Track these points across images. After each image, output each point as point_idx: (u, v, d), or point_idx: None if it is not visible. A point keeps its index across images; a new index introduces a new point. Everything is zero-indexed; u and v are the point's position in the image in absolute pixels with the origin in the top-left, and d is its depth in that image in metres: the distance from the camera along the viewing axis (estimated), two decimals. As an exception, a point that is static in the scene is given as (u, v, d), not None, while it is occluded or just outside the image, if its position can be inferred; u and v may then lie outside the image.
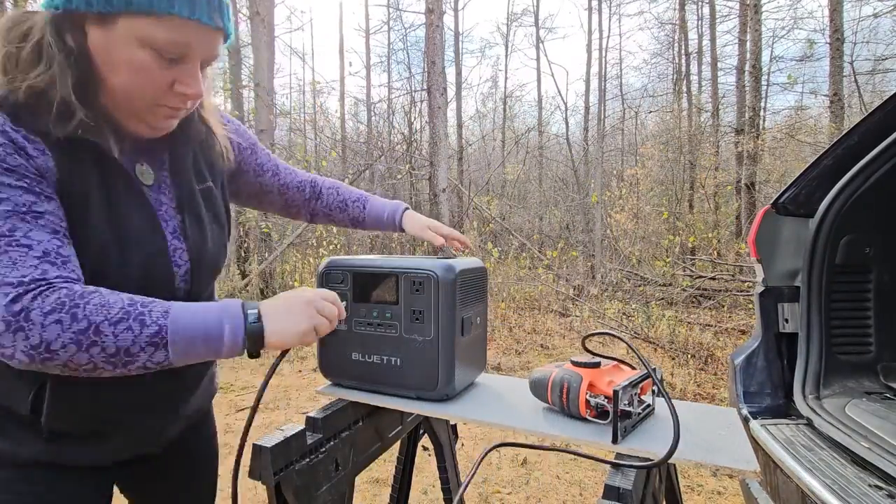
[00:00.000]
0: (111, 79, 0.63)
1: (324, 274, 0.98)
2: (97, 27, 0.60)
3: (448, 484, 1.26)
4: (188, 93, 0.67)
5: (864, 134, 1.61)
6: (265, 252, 6.92)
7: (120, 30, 0.60)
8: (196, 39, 0.64)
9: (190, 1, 0.61)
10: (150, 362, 0.59)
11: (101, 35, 0.61)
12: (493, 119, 17.98)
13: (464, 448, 2.78)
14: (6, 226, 0.55)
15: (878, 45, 10.69)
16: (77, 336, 0.54)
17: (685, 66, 13.30)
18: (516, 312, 6.27)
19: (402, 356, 0.92)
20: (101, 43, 0.61)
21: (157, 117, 0.68)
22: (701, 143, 10.68)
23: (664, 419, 0.85)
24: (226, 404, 3.44)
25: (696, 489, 2.35)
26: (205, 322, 0.61)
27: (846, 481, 1.14)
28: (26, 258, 0.55)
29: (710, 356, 4.36)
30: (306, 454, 0.84)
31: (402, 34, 16.08)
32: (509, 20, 18.13)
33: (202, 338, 0.60)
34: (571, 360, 0.87)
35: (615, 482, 0.66)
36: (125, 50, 0.61)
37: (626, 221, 10.17)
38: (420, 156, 10.37)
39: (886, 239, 1.68)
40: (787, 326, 1.69)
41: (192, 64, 0.66)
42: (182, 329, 0.59)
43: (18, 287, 0.54)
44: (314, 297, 0.71)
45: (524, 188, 15.25)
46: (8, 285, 0.54)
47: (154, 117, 0.68)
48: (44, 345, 0.54)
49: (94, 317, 0.55)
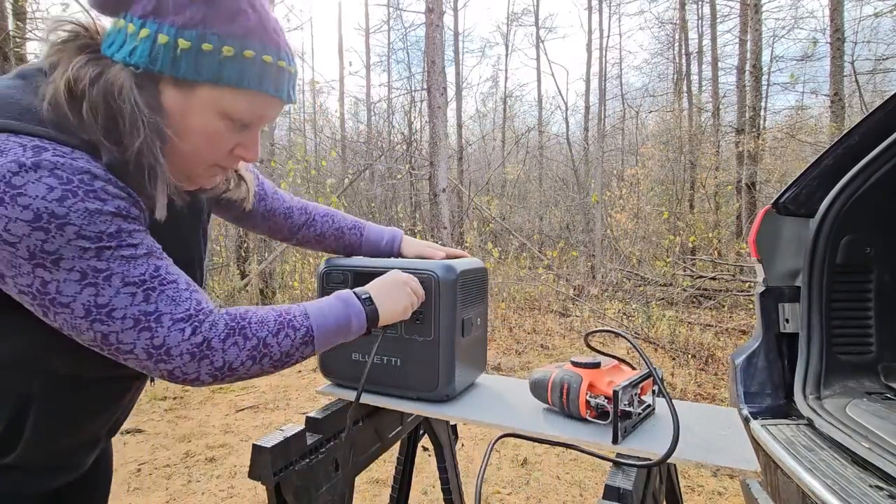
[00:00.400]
0: (182, 143, 0.61)
1: (324, 274, 0.98)
2: (174, 89, 0.59)
3: (448, 484, 1.26)
4: (247, 157, 0.68)
5: (865, 134, 1.61)
6: (265, 252, 6.92)
7: (200, 97, 0.59)
8: (272, 113, 0.66)
9: (276, 80, 0.62)
10: (301, 357, 0.68)
11: (177, 98, 0.59)
12: (493, 119, 17.98)
13: (464, 448, 2.78)
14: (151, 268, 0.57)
15: (879, 44, 10.69)
16: (251, 352, 0.62)
17: (685, 65, 13.30)
18: (516, 312, 6.27)
19: (403, 357, 0.92)
20: (177, 106, 0.60)
21: (208, 178, 0.69)
22: (701, 142, 10.67)
23: (664, 419, 0.85)
24: (226, 404, 3.44)
25: (696, 489, 2.35)
26: (337, 317, 0.71)
27: (847, 482, 1.14)
28: (178, 292, 0.59)
29: (710, 356, 4.36)
30: (306, 454, 0.84)
31: (402, 34, 16.09)
32: (509, 20, 18.14)
33: (335, 330, 0.71)
34: (571, 360, 0.87)
35: (616, 482, 0.66)
36: (202, 117, 0.61)
37: (626, 221, 10.17)
38: (420, 156, 10.37)
39: (887, 239, 1.68)
40: (787, 326, 1.69)
41: (256, 130, 0.68)
42: (323, 326, 0.69)
43: (191, 321, 0.58)
44: (407, 278, 0.84)
45: (524, 188, 15.25)
46: (181, 321, 0.58)
47: (206, 178, 0.69)
48: (227, 366, 0.61)
49: (260, 333, 0.63)
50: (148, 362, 0.57)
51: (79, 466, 0.78)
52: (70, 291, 0.53)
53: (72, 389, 0.67)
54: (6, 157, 0.50)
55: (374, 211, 10.20)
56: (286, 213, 1.02)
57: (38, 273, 0.52)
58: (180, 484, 2.39)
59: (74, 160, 0.53)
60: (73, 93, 0.55)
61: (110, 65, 0.57)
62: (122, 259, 0.55)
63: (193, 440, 2.87)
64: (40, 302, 0.53)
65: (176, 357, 0.57)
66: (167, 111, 0.59)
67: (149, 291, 0.56)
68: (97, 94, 0.55)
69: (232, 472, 2.49)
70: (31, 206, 0.49)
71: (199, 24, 0.56)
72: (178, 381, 0.59)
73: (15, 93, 0.55)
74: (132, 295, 0.55)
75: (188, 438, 2.89)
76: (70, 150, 0.53)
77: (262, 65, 0.60)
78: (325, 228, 1.06)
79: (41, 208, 0.50)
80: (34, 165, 0.50)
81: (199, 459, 2.63)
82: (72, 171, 0.52)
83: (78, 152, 0.54)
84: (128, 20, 0.57)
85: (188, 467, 2.55)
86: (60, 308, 0.53)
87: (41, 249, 0.51)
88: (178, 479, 2.44)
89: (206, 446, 2.78)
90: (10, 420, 0.63)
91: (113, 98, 0.55)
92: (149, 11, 0.56)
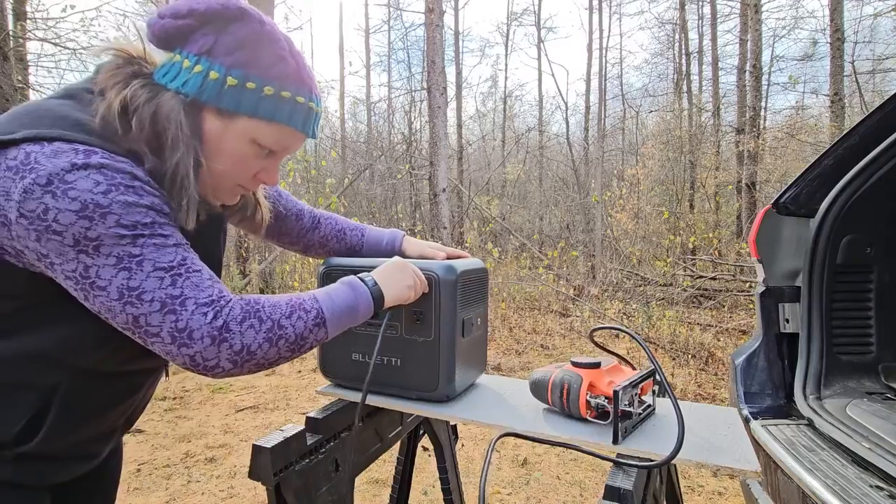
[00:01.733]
0: (214, 164, 0.70)
1: (324, 274, 0.98)
2: (216, 118, 0.68)
3: (448, 484, 1.26)
4: (269, 183, 0.77)
5: (865, 134, 1.61)
6: (265, 252, 6.92)
7: (238, 126, 0.69)
8: (296, 145, 0.75)
9: (305, 118, 0.72)
10: (315, 341, 0.71)
11: (218, 125, 0.68)
12: (493, 119, 17.98)
13: (464, 448, 2.78)
14: (179, 257, 0.62)
15: (879, 44, 10.69)
16: (268, 334, 0.65)
17: (686, 65, 13.31)
18: (516, 312, 6.27)
19: (403, 357, 0.92)
20: (216, 132, 0.69)
21: (231, 196, 0.77)
22: (702, 142, 10.67)
23: (664, 419, 0.85)
24: (226, 404, 3.44)
25: (696, 490, 2.35)
26: (345, 299, 0.75)
27: (847, 482, 1.14)
28: (202, 281, 0.63)
29: (710, 356, 4.36)
30: (306, 455, 0.84)
31: (402, 33, 16.11)
32: (509, 19, 18.12)
33: (345, 311, 0.74)
34: (572, 360, 0.87)
35: (616, 482, 0.66)
36: (236, 143, 0.70)
37: (626, 221, 10.17)
38: (420, 155, 10.37)
39: (887, 239, 1.68)
40: (787, 327, 1.69)
41: (279, 160, 0.76)
42: (331, 308, 0.72)
43: (213, 306, 0.62)
44: (408, 263, 0.87)
45: (524, 188, 15.25)
46: (204, 306, 0.61)
47: (228, 196, 0.77)
48: (245, 349, 0.63)
49: (274, 315, 0.66)
50: (172, 346, 0.60)
51: (94, 457, 0.80)
52: (107, 275, 0.58)
53: (93, 382, 0.70)
54: (61, 159, 0.56)
55: (374, 211, 10.20)
56: (298, 215, 1.05)
57: (82, 259, 0.57)
58: (180, 484, 2.39)
59: (118, 162, 0.60)
60: (125, 110, 0.63)
61: (163, 91, 0.66)
62: (153, 246, 0.60)
63: (193, 440, 2.87)
64: (82, 286, 0.59)
65: (197, 341, 0.60)
66: (206, 135, 0.69)
67: (175, 277, 0.61)
68: (147, 112, 0.63)
69: (232, 472, 2.49)
70: (78, 198, 0.56)
71: (245, 65, 0.66)
72: (200, 368, 0.62)
73: (66, 109, 0.63)
74: (160, 279, 0.60)
75: (188, 438, 2.89)
76: (116, 154, 0.61)
77: (293, 104, 0.70)
78: (328, 230, 1.08)
79: (87, 200, 0.56)
80: (84, 165, 0.57)
81: (199, 459, 2.63)
82: (116, 171, 0.59)
83: (122, 157, 0.61)
84: (183, 56, 0.66)
85: (188, 467, 2.55)
86: (98, 291, 0.58)
87: (85, 237, 0.57)
88: (178, 479, 2.44)
89: (206, 446, 2.78)
90: (34, 411, 0.66)
91: (161, 118, 0.64)
92: (204, 51, 0.66)
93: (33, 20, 5.57)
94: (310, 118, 0.73)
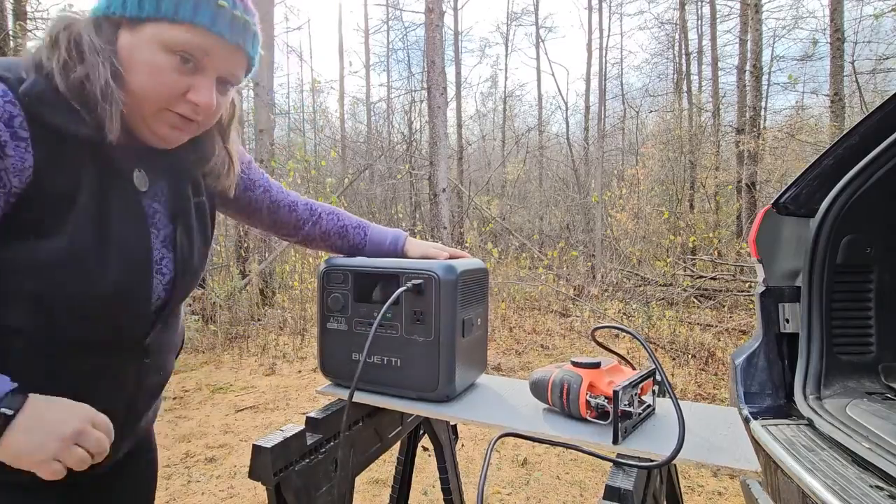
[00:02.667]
0: (131, 78, 0.68)
1: (324, 274, 0.98)
2: (127, 31, 0.67)
3: (448, 484, 1.26)
4: (199, 101, 0.70)
5: (865, 134, 1.61)
6: (265, 252, 6.91)
7: (146, 34, 0.67)
8: (214, 52, 0.69)
9: (213, 14, 0.68)
10: None
11: (129, 38, 0.67)
12: (493, 119, 17.98)
13: (464, 448, 2.78)
14: None
15: (879, 44, 10.68)
16: None
17: (685, 65, 13.31)
18: (516, 312, 6.27)
19: (403, 357, 0.91)
20: (128, 45, 0.67)
21: (162, 124, 0.71)
22: (701, 142, 10.67)
23: (665, 419, 0.85)
24: (226, 404, 3.44)
25: (696, 490, 2.35)
26: None
27: (847, 482, 1.14)
28: None
29: (710, 356, 4.36)
30: (306, 455, 0.84)
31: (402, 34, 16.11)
32: (509, 19, 18.13)
33: None
34: (572, 360, 0.87)
35: (616, 482, 0.66)
36: (147, 51, 0.67)
37: (626, 221, 10.17)
38: (420, 155, 10.37)
39: (887, 239, 1.68)
40: (787, 327, 1.69)
41: (208, 76, 0.71)
42: None
43: None
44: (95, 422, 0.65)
45: (524, 188, 15.25)
46: None
47: (160, 124, 0.71)
48: None
49: None
50: None
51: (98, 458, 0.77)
52: None
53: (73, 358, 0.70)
54: None
55: (374, 211, 10.20)
56: (291, 207, 1.03)
57: None
58: (180, 484, 2.39)
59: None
60: (54, 42, 0.66)
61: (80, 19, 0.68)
62: None
63: (193, 440, 2.87)
64: None
65: None
66: (120, 51, 0.68)
67: None
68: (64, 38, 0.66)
69: (232, 472, 2.49)
70: None
71: None
72: None
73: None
74: None
75: (188, 438, 2.89)
76: None
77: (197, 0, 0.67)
78: (330, 226, 1.06)
79: None
80: None
81: (199, 459, 2.63)
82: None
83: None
84: None
85: (188, 467, 2.55)
86: None
87: None
88: (178, 479, 2.44)
89: (206, 446, 2.78)
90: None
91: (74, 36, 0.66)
92: None
93: (33, 20, 5.57)
94: (219, 16, 0.68)
